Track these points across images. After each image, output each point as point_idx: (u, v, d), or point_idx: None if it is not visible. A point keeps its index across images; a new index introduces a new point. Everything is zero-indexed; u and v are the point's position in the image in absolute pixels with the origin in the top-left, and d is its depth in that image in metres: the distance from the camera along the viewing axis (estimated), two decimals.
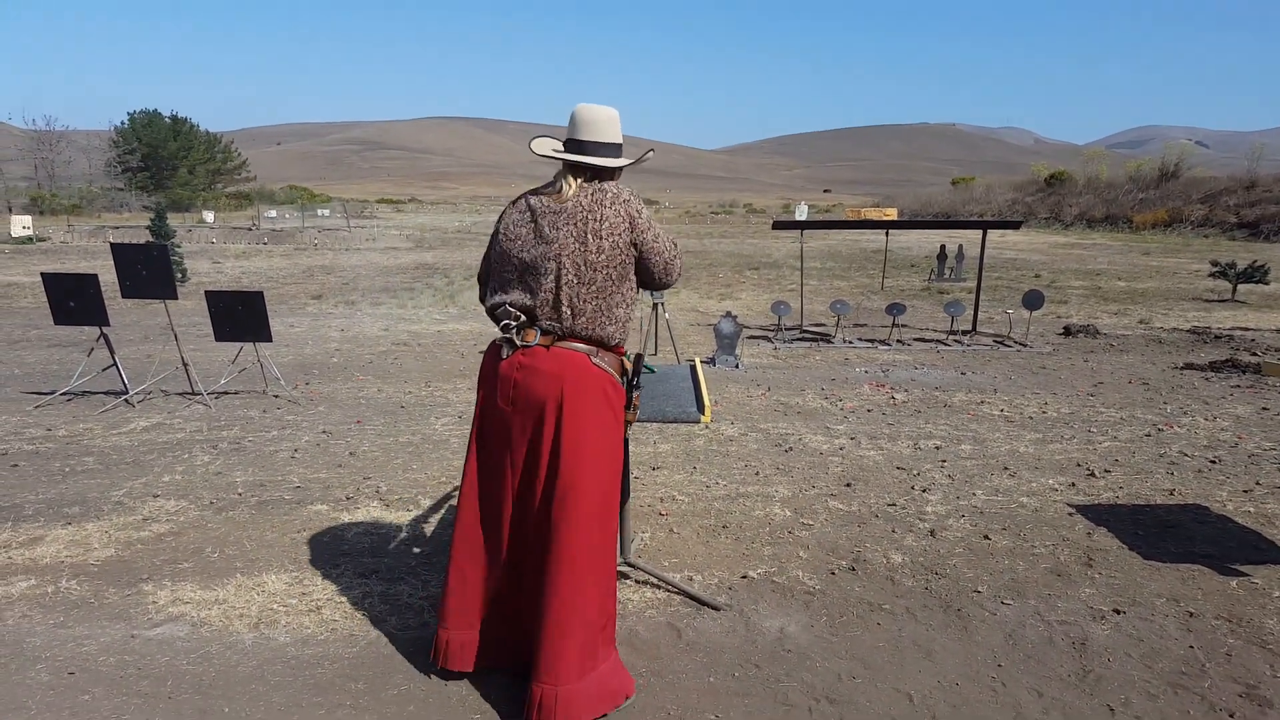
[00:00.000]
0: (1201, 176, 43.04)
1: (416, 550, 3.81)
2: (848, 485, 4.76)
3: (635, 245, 2.61)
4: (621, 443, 2.72)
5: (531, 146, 2.71)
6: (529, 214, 2.64)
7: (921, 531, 4.07)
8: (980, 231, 11.19)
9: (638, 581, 3.46)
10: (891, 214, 41.17)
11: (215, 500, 4.43)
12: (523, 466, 2.60)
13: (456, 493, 4.55)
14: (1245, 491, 4.67)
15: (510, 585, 2.67)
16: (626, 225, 2.58)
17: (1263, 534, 4.05)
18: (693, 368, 3.71)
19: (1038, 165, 55.73)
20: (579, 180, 2.62)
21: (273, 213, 42.79)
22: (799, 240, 12.47)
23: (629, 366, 2.76)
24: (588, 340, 2.60)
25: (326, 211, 49.24)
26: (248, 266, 20.53)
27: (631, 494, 3.95)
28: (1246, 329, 11.31)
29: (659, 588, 3.42)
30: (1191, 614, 3.24)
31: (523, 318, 2.61)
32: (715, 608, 3.26)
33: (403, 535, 3.99)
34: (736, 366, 8.36)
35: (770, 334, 10.61)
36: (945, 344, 9.92)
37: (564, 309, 2.55)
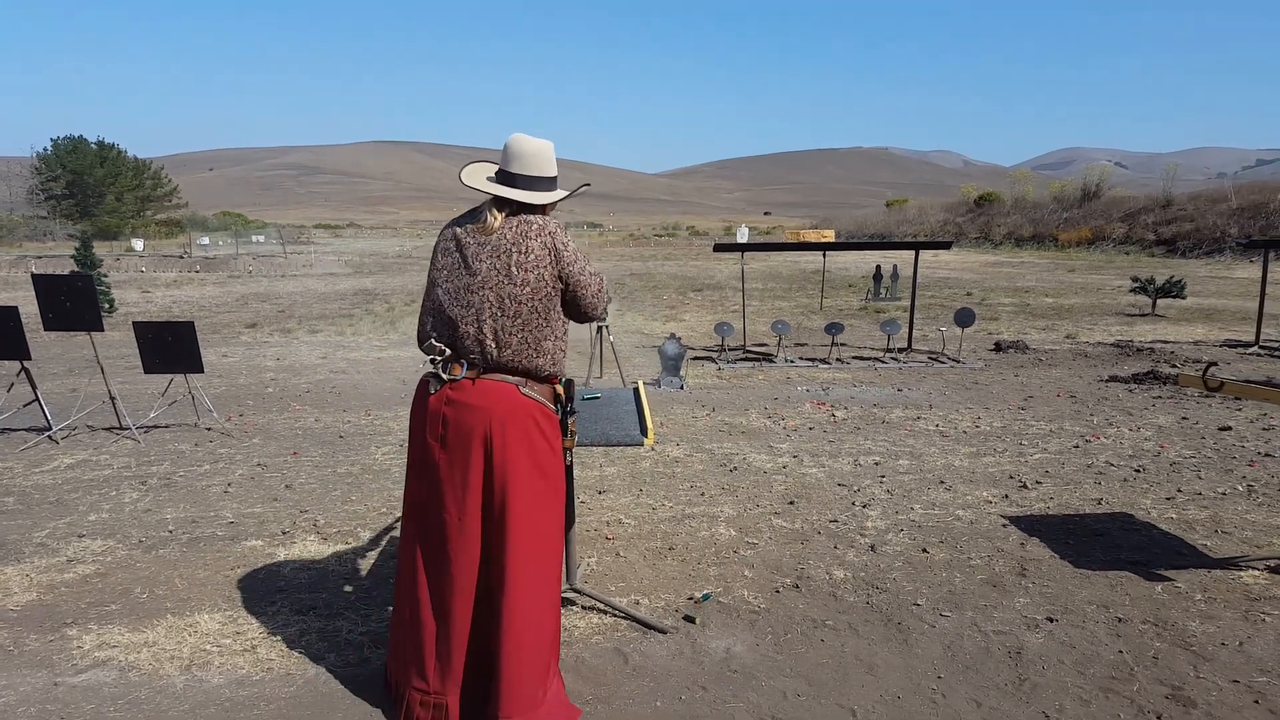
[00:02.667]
0: (1121, 196, 44.80)
1: (356, 584, 3.74)
2: (791, 503, 4.81)
3: (561, 278, 2.59)
4: (561, 470, 2.71)
5: (461, 177, 2.69)
6: (454, 244, 2.61)
7: (862, 547, 4.13)
8: (913, 252, 11.47)
9: (584, 607, 3.44)
10: (829, 236, 41.97)
11: (144, 539, 4.29)
12: (459, 502, 2.54)
13: (398, 524, 4.48)
14: (1168, 499, 4.84)
15: (459, 619, 2.61)
16: (551, 258, 2.56)
17: (1184, 539, 4.20)
18: (636, 391, 3.72)
19: (967, 187, 57.42)
20: (504, 213, 2.59)
21: (205, 240, 41.83)
22: (740, 262, 12.63)
23: (562, 393, 2.74)
24: (514, 373, 2.58)
25: (261, 238, 48.30)
26: (179, 296, 20.01)
27: (577, 519, 3.94)
28: (1166, 341, 11.77)
29: (605, 613, 3.40)
30: (1120, 620, 3.35)
31: (449, 351, 2.58)
32: (662, 631, 3.26)
33: (341, 569, 3.91)
34: (681, 388, 8.40)
35: (714, 354, 10.70)
36: (882, 361, 10.12)
37: (488, 342, 2.53)
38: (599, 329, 8.75)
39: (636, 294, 19.04)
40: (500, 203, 2.61)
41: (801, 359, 10.34)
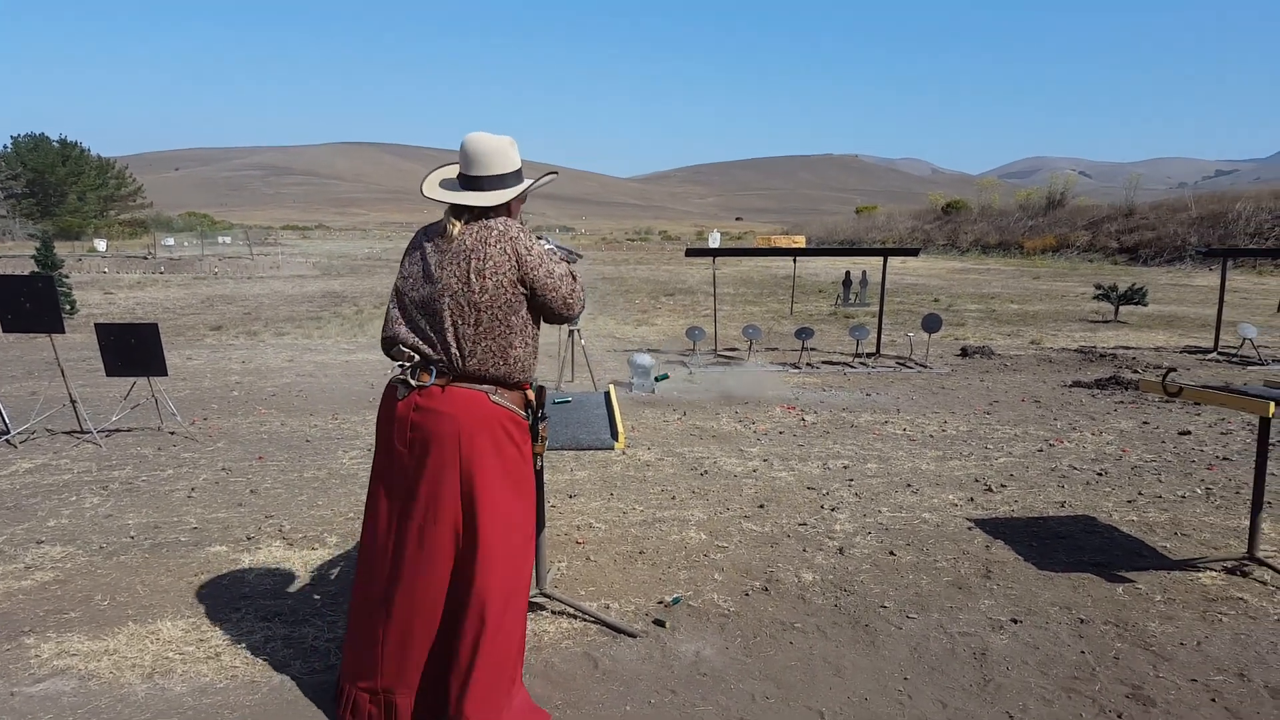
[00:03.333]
0: (1085, 205, 45.57)
1: (322, 590, 3.70)
2: (761, 506, 4.84)
3: (523, 283, 2.55)
4: (531, 477, 2.69)
5: (422, 189, 2.66)
6: (419, 253, 2.59)
7: (831, 550, 4.17)
8: (882, 258, 11.59)
9: (554, 612, 3.44)
10: (800, 241, 42.27)
11: (105, 545, 4.21)
12: (426, 508, 2.51)
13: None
14: (1129, 502, 4.93)
15: (420, 625, 2.57)
16: (512, 263, 2.51)
17: (1145, 541, 4.29)
18: (607, 395, 3.73)
19: (935, 194, 58.14)
20: (462, 220, 2.56)
21: (170, 241, 41.19)
22: (712, 267, 12.68)
23: (532, 399, 2.71)
24: (483, 381, 2.55)
25: (228, 239, 47.69)
26: (142, 297, 19.68)
27: (547, 524, 3.92)
28: (1128, 348, 11.99)
29: (575, 617, 3.40)
30: (1083, 620, 3.40)
31: (417, 358, 2.56)
32: (631, 635, 3.26)
33: (307, 575, 3.87)
34: (653, 391, 8.42)
35: (685, 359, 10.72)
36: (851, 366, 10.21)
37: (453, 350, 2.50)
38: (570, 332, 8.74)
39: (608, 298, 19.05)
40: (459, 209, 2.57)
41: (772, 363, 10.40)
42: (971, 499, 4.99)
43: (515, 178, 2.65)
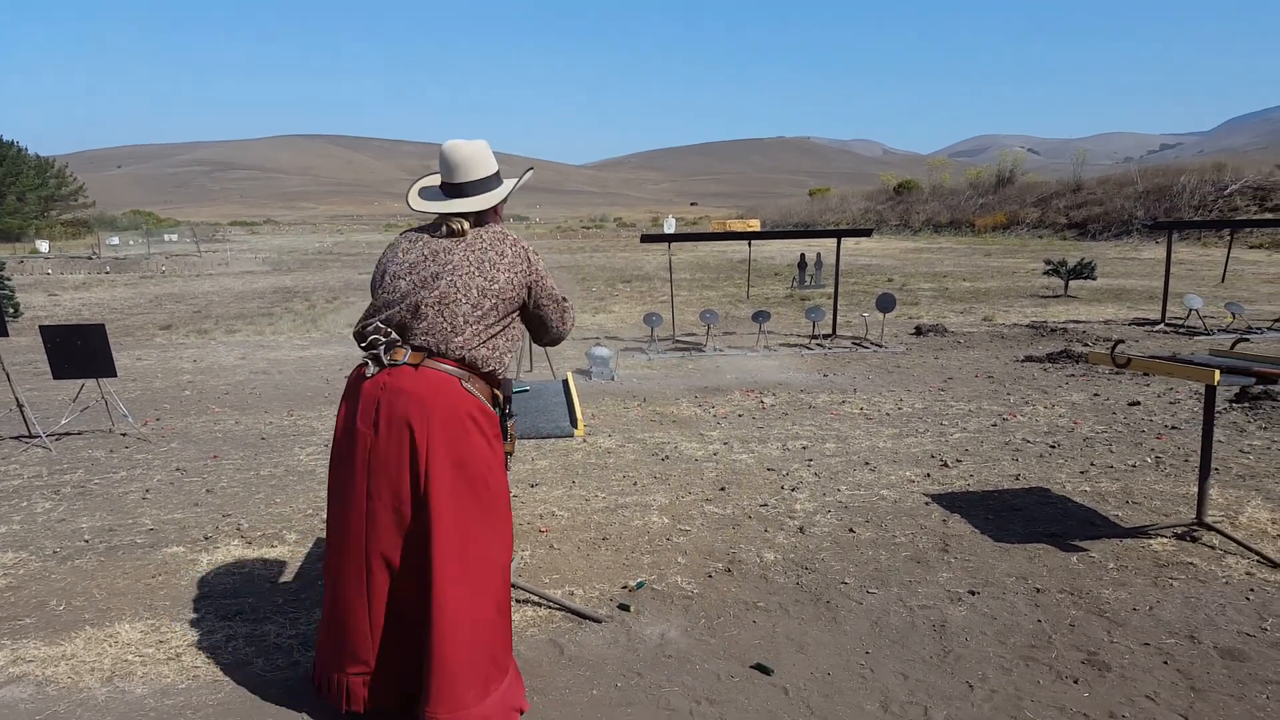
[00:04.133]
0: (1034, 181, 46.40)
1: (283, 587, 3.66)
2: (722, 489, 4.87)
3: (530, 288, 2.65)
4: (501, 470, 2.66)
5: (410, 204, 2.69)
6: (422, 242, 2.61)
7: (791, 529, 4.22)
8: (836, 240, 11.70)
9: (518, 600, 3.43)
10: (755, 225, 42.46)
11: (59, 549, 4.12)
12: (388, 488, 2.48)
13: (325, 525, 4.40)
14: (1081, 472, 5.05)
15: (391, 616, 2.54)
16: (525, 265, 2.62)
17: (1097, 511, 4.40)
18: (565, 383, 3.72)
19: (887, 175, 58.73)
20: (469, 221, 2.63)
21: (115, 240, 40.18)
22: (668, 253, 12.69)
23: (499, 395, 2.70)
24: (459, 363, 2.55)
25: (174, 236, 46.64)
26: (88, 298, 19.18)
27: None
28: (1078, 321, 12.26)
29: (540, 605, 3.40)
30: (1038, 590, 3.48)
31: (393, 335, 2.55)
32: (597, 620, 3.28)
33: (267, 573, 3.82)
34: (612, 378, 8.42)
35: (644, 345, 10.74)
36: (808, 348, 10.31)
37: (444, 325, 2.51)
38: None
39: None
40: (455, 217, 2.62)
41: (730, 348, 10.46)
42: (928, 475, 5.07)
43: (496, 179, 2.72)
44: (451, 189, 2.65)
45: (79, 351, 6.33)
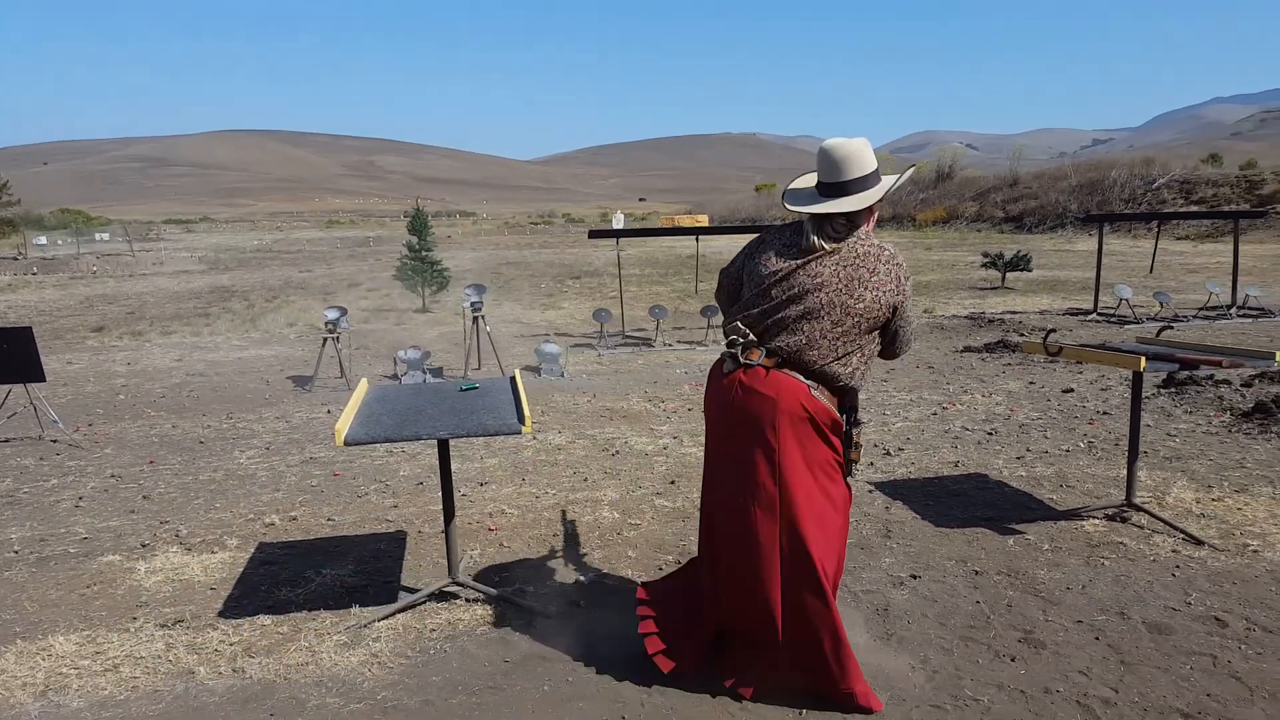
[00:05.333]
0: (973, 176, 47.44)
1: (225, 594, 3.59)
2: (672, 483, 4.90)
3: (896, 308, 2.65)
4: (841, 476, 2.70)
5: (787, 206, 2.72)
6: (796, 244, 2.64)
7: None
8: None
9: (468, 600, 3.42)
10: (703, 220, 42.68)
11: None
12: (746, 482, 2.61)
13: (268, 530, 4.33)
14: (1018, 458, 5.20)
15: (755, 593, 2.64)
16: (894, 286, 2.62)
17: (1033, 495, 4.53)
18: (513, 380, 3.71)
19: None
20: (841, 227, 2.62)
21: (42, 239, 38.82)
22: (617, 249, 12.70)
23: (847, 403, 2.71)
24: (810, 373, 2.59)
25: (106, 235, 45.20)
26: (14, 300, 18.49)
27: (457, 512, 3.88)
28: (1015, 312, 12.58)
29: (490, 604, 3.39)
30: (977, 572, 3.58)
31: (751, 336, 2.63)
32: (548, 616, 3.28)
33: (208, 579, 3.74)
34: (562, 375, 8.40)
35: (593, 341, 10.73)
36: None
37: (801, 340, 2.57)
38: (475, 318, 8.64)
39: (514, 283, 18.86)
40: (824, 216, 2.63)
41: (679, 342, 10.51)
42: (871, 463, 5.17)
43: (875, 177, 2.69)
44: (830, 188, 2.65)
45: (5, 356, 6.11)
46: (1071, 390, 6.99)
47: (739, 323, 2.66)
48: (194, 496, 4.91)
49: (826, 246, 2.60)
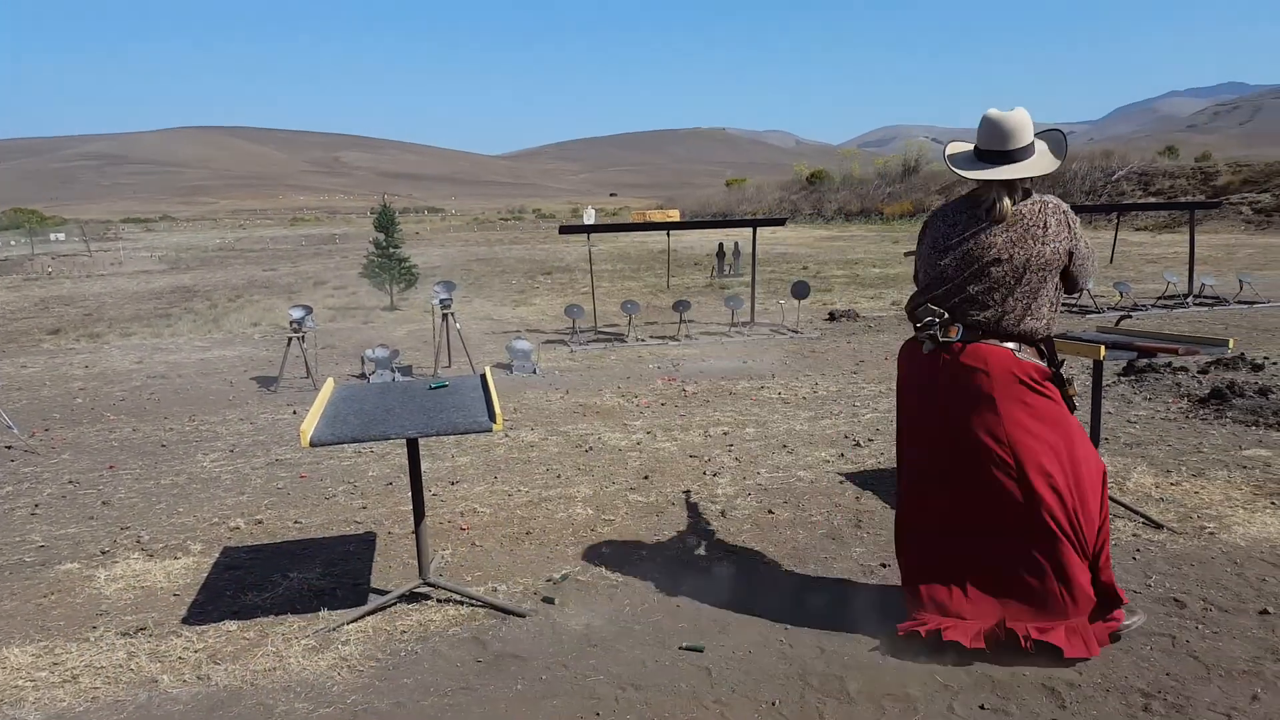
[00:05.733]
0: (938, 170, 47.83)
1: (189, 600, 3.51)
2: (646, 478, 4.89)
3: (1071, 253, 2.79)
4: (1068, 415, 2.86)
5: (962, 174, 2.87)
6: (961, 224, 2.82)
7: (714, 513, 4.26)
8: (752, 229, 11.84)
9: (440, 600, 3.38)
10: (674, 215, 42.71)
11: None
12: (970, 453, 2.76)
13: (233, 533, 4.25)
14: None
15: (988, 553, 2.81)
16: (1067, 233, 2.77)
17: None
18: (483, 378, 3.66)
19: (800, 165, 59.81)
20: (1014, 195, 2.79)
21: None
22: (588, 244, 12.64)
23: (1050, 352, 2.90)
24: (1009, 336, 2.77)
25: (61, 235, 44.24)
26: None
27: (428, 512, 3.83)
28: None
29: (462, 604, 3.35)
30: None
31: (945, 315, 2.78)
32: (520, 615, 3.24)
33: (171, 586, 3.65)
34: (534, 372, 8.35)
35: (565, 337, 10.68)
36: (728, 335, 10.42)
37: (996, 307, 2.74)
38: (444, 315, 8.55)
39: (484, 279, 18.73)
40: (1009, 185, 2.79)
41: (652, 337, 10.49)
42: (842, 455, 5.19)
43: (1032, 147, 2.86)
44: (997, 155, 2.81)
45: None
46: None
47: (929, 304, 2.82)
48: (156, 501, 4.81)
49: (1010, 209, 2.76)
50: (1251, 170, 31.38)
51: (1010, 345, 2.78)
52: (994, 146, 2.83)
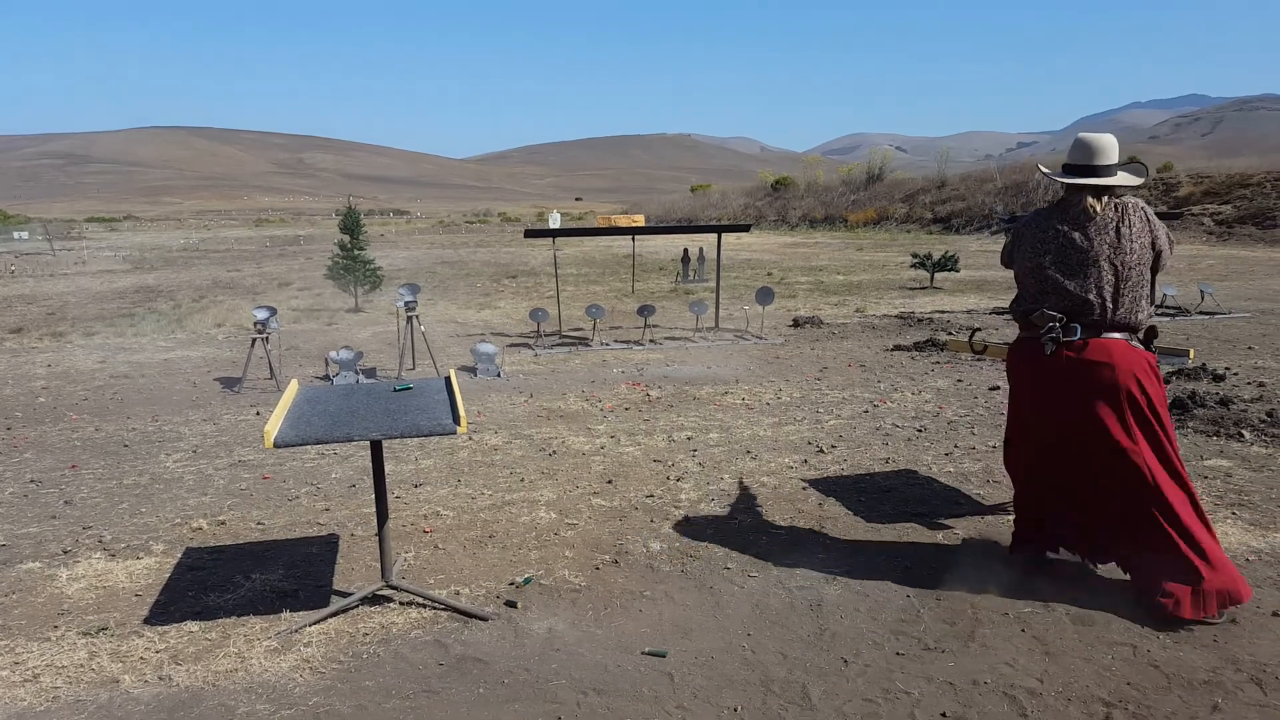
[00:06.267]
0: (902, 178, 48.44)
1: (151, 600, 3.49)
2: (609, 482, 4.93)
3: (1154, 245, 3.17)
4: (1165, 401, 3.24)
5: (1061, 179, 3.24)
6: (1057, 230, 3.17)
7: (677, 518, 4.31)
8: (717, 235, 11.94)
9: (402, 603, 3.39)
10: (640, 220, 42.79)
11: None
12: (1103, 438, 3.12)
13: (195, 534, 4.23)
14: (946, 454, 5.35)
15: (1111, 523, 3.24)
16: (1148, 227, 3.16)
17: (961, 490, 4.68)
18: (448, 380, 3.69)
19: (764, 172, 60.17)
20: (1101, 199, 3.16)
21: None
22: (553, 248, 12.65)
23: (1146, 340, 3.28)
24: (1121, 328, 3.14)
25: (24, 234, 43.28)
26: None
27: (390, 514, 3.84)
28: (943, 312, 12.91)
29: (425, 607, 3.37)
30: (908, 567, 3.68)
31: (1063, 317, 3.13)
32: (483, 619, 3.27)
33: (134, 585, 3.63)
34: (498, 375, 8.36)
35: (530, 341, 10.69)
36: (692, 341, 10.49)
37: (1107, 304, 3.10)
38: (409, 318, 8.53)
39: (449, 282, 18.65)
40: (1095, 192, 3.16)
41: (616, 341, 10.54)
42: (805, 461, 5.27)
43: (1115, 168, 3.22)
44: (1085, 170, 3.18)
45: None
46: (998, 388, 7.21)
47: (1045, 310, 3.16)
48: (118, 501, 4.76)
49: (1099, 213, 3.13)
50: (1213, 182, 32.11)
51: (1124, 336, 3.17)
52: (1084, 162, 3.20)
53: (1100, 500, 3.26)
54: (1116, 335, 3.16)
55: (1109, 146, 3.22)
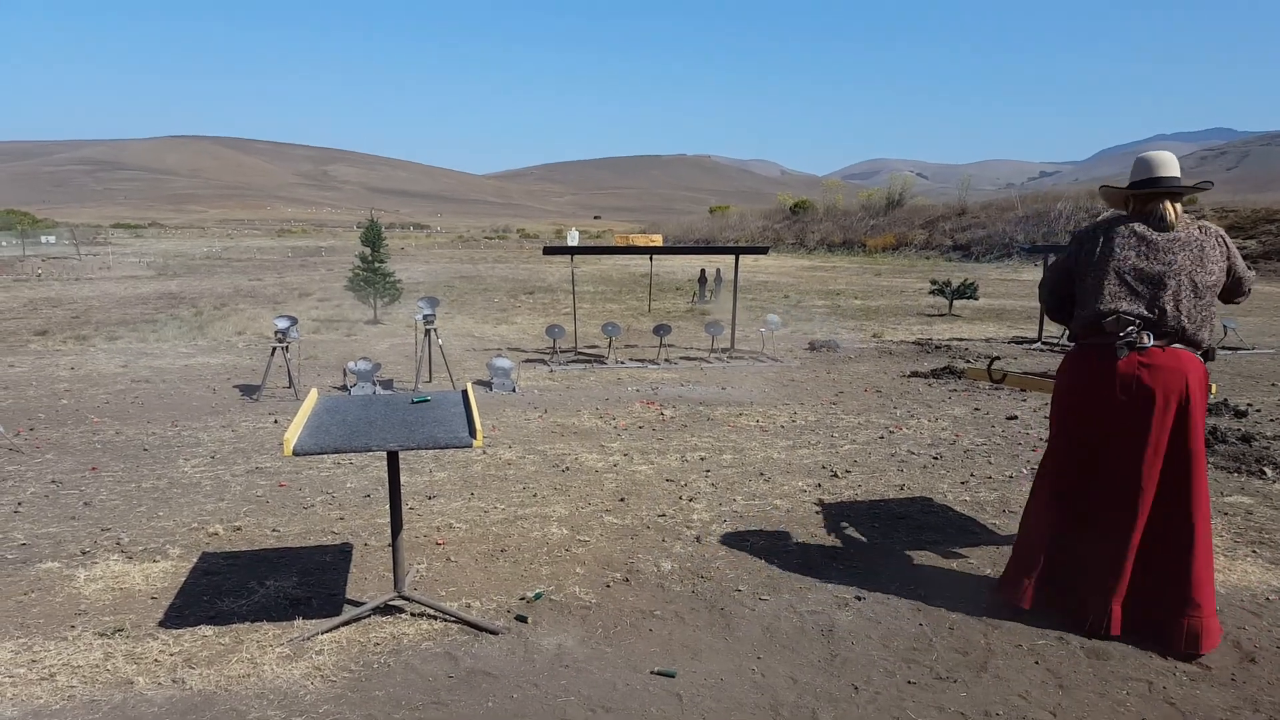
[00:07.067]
0: (922, 205, 48.45)
1: (166, 603, 3.52)
2: (621, 500, 4.93)
3: (1230, 271, 3.27)
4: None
5: (1127, 190, 3.34)
6: (1137, 238, 3.22)
7: (689, 539, 4.31)
8: (734, 256, 11.98)
9: (413, 614, 3.41)
10: (657, 240, 42.93)
11: None
12: (1145, 445, 3.14)
13: (211, 539, 4.26)
14: (962, 483, 5.33)
15: (1131, 542, 3.20)
16: (1226, 251, 3.25)
17: (976, 519, 4.65)
18: (464, 394, 3.72)
19: (784, 195, 60.29)
20: (1177, 205, 3.24)
21: None
22: (571, 265, 12.72)
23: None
24: (1189, 343, 3.21)
25: (52, 238, 43.99)
26: None
27: (405, 525, 3.87)
28: (961, 339, 12.87)
29: (436, 618, 3.38)
30: (921, 595, 3.66)
31: (1139, 324, 3.18)
32: (493, 632, 3.28)
33: (149, 588, 3.67)
34: (513, 390, 8.39)
35: (546, 357, 10.73)
36: (708, 361, 10.50)
37: (1183, 318, 3.16)
38: (427, 331, 8.59)
39: (467, 297, 18.78)
40: (1171, 200, 3.25)
41: (631, 360, 10.56)
42: (819, 485, 5.26)
43: (1179, 179, 3.32)
44: (1148, 184, 3.28)
45: None
46: (1015, 417, 7.18)
47: (1122, 315, 3.21)
48: (136, 504, 4.81)
49: (1179, 225, 3.21)
50: (1238, 216, 31.93)
51: (1189, 348, 3.23)
52: (1156, 174, 3.30)
53: (1141, 518, 3.21)
54: (1186, 348, 3.23)
55: (1171, 160, 3.33)
